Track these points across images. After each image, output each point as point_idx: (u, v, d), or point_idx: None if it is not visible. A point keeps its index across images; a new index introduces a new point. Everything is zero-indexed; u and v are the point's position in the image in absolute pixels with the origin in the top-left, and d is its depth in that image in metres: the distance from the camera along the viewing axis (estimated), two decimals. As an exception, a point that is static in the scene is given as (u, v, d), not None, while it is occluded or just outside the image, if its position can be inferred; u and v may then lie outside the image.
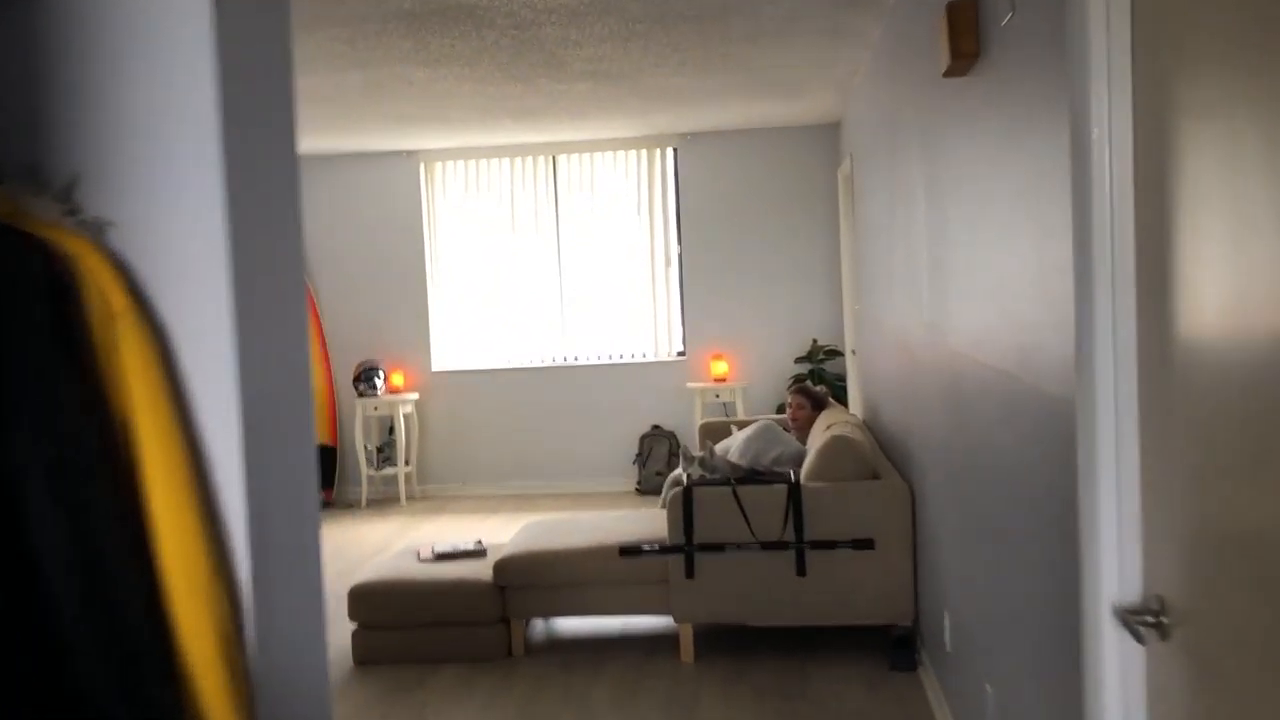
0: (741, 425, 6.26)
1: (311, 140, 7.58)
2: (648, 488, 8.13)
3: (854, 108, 6.57)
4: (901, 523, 4.37)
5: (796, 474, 4.61)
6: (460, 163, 8.43)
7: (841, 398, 7.59)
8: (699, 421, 7.61)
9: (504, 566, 4.69)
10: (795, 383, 7.97)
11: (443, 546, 5.17)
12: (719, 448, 5.99)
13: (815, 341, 8.10)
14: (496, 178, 8.42)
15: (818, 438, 5.08)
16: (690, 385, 8.06)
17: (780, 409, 8.04)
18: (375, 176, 8.42)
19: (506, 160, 8.38)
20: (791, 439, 5.66)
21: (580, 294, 8.44)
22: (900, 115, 4.38)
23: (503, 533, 6.98)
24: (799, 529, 4.38)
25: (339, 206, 8.46)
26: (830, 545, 4.38)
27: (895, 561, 4.38)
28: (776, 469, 5.13)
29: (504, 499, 8.25)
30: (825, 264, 8.11)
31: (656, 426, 8.28)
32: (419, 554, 5.15)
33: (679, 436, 8.22)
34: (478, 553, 5.09)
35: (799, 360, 8.11)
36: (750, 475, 4.89)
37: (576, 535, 4.87)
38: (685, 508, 4.46)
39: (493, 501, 8.16)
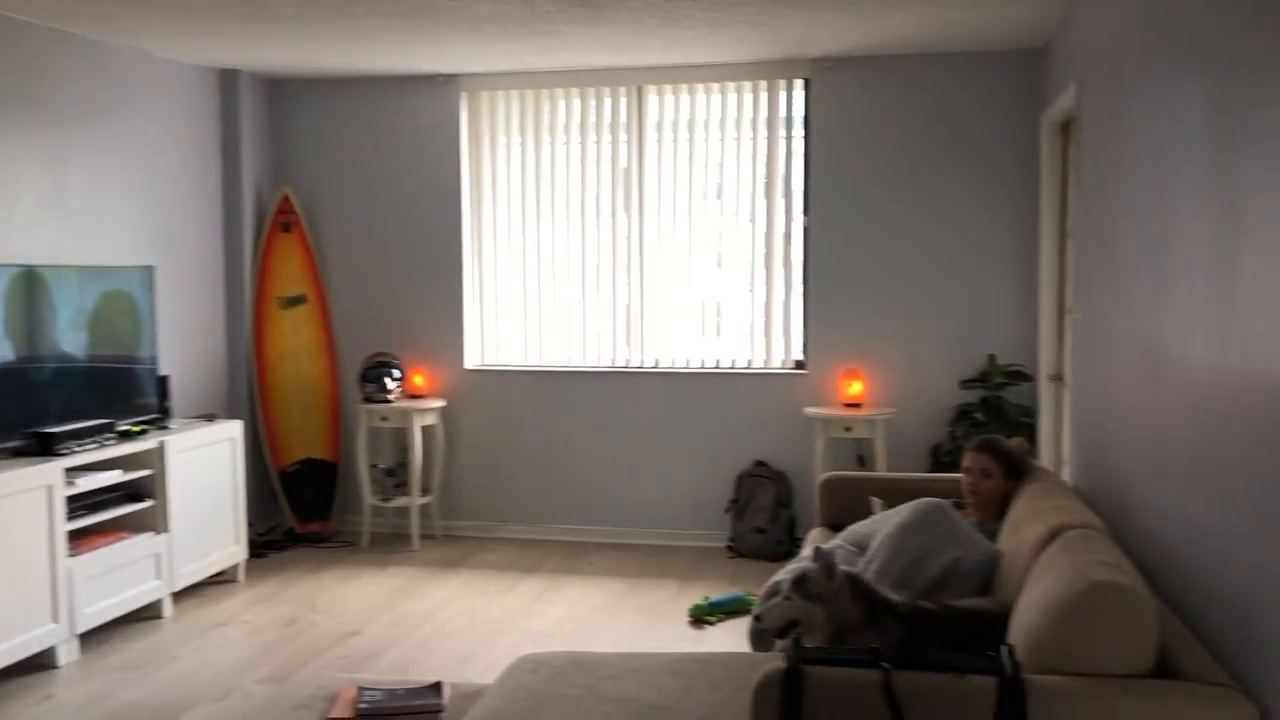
0: (883, 495, 3.98)
1: (305, 55, 5.55)
2: (744, 548, 5.91)
3: (1090, 12, 4.18)
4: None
5: (1011, 652, 2.32)
6: (515, 94, 6.29)
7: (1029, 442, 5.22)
8: (820, 472, 5.34)
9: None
10: (961, 421, 5.63)
11: (376, 692, 3.10)
12: (847, 536, 3.73)
13: (993, 359, 5.73)
14: (560, 116, 6.27)
15: (1034, 555, 2.81)
16: (810, 411, 5.78)
17: (937, 454, 5.70)
18: (405, 107, 6.35)
19: (576, 93, 6.21)
20: (972, 531, 3.40)
21: (664, 275, 6.23)
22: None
23: (533, 612, 4.86)
24: (1020, 778, 2.12)
25: (347, 149, 6.43)
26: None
27: None
28: (954, 604, 2.87)
29: (551, 547, 6.13)
30: (1013, 249, 5.72)
31: (760, 464, 6.05)
32: (329, 710, 3.07)
33: (790, 480, 5.96)
34: (427, 712, 2.98)
35: (967, 384, 5.75)
36: (913, 634, 2.62)
37: (590, 713, 2.69)
38: (787, 711, 2.25)
39: (536, 551, 6.06)
